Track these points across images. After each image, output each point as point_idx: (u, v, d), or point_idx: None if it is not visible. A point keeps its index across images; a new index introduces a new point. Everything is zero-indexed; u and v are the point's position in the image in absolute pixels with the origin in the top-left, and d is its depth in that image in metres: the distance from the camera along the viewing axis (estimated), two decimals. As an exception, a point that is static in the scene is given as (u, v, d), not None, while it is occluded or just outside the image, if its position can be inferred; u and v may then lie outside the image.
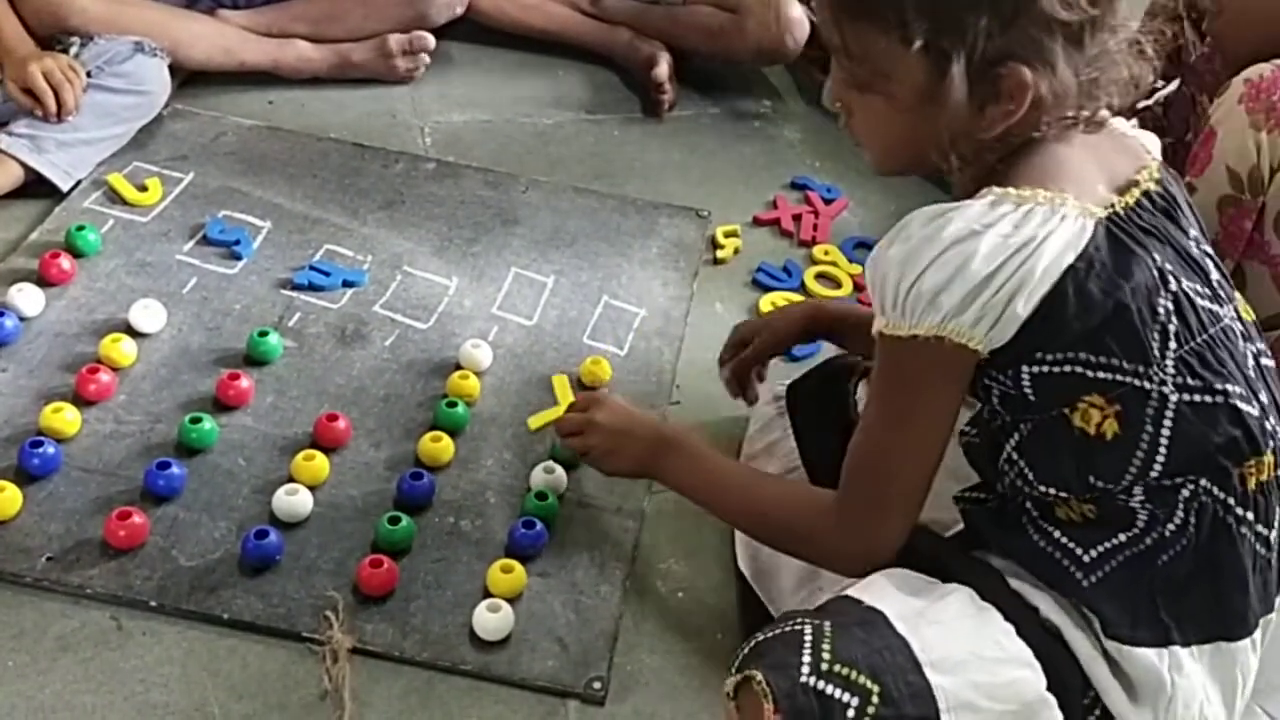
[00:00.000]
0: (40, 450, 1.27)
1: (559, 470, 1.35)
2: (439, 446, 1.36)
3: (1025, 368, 0.92)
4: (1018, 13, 0.87)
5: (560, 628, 1.22)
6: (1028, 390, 0.93)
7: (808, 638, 0.89)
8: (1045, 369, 0.91)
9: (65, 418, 1.31)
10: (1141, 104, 1.87)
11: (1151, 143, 1.02)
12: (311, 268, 1.60)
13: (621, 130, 2.03)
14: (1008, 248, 0.87)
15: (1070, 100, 0.91)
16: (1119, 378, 0.90)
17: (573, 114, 2.05)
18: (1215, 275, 0.97)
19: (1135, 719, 0.93)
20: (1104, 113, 0.94)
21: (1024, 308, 0.88)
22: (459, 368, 1.49)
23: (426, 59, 1.99)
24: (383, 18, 1.96)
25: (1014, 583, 0.97)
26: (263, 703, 1.12)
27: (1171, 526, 0.93)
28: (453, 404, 1.41)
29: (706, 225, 1.83)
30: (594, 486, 1.37)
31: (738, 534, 1.30)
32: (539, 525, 1.28)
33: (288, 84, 1.95)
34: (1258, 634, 0.96)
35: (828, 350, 1.49)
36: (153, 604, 1.18)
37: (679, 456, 1.20)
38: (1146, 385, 0.90)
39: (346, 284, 1.59)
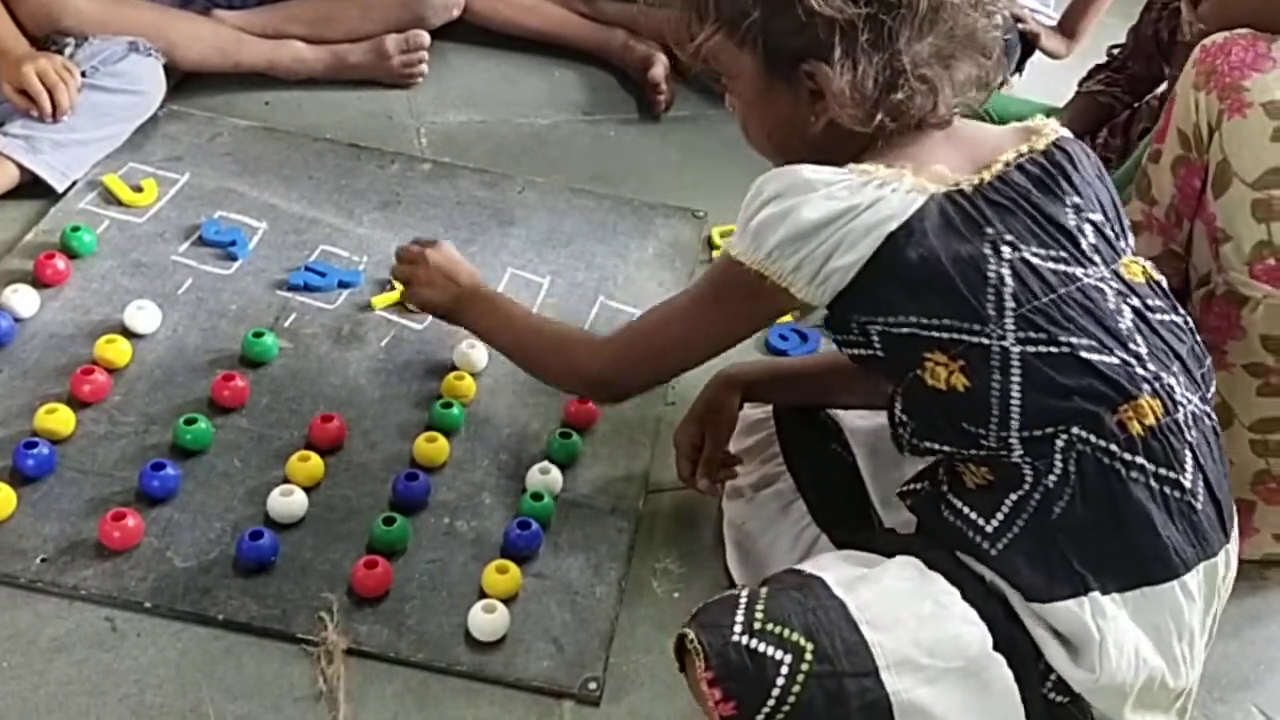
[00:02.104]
0: (35, 451, 1.26)
1: (555, 471, 1.35)
2: (434, 447, 1.36)
3: (871, 327, 1.00)
4: (789, 11, 0.97)
5: (556, 628, 1.22)
6: (878, 348, 1.01)
7: (742, 600, 0.93)
8: (886, 328, 0.99)
9: (60, 419, 1.31)
10: (1142, 100, 1.88)
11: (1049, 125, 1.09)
12: (307, 268, 1.60)
13: (618, 131, 2.03)
14: (835, 209, 0.96)
15: (881, 96, 0.98)
16: (955, 336, 0.97)
17: (569, 115, 2.05)
18: (1089, 240, 1.01)
19: (1079, 675, 0.95)
20: (943, 109, 1.01)
21: (842, 264, 0.96)
22: (454, 369, 1.49)
23: (425, 59, 1.99)
24: (379, 19, 1.96)
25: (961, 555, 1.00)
26: (258, 704, 1.12)
27: (1053, 477, 0.96)
28: (448, 405, 1.41)
29: (703, 225, 1.82)
30: (590, 487, 1.37)
31: (727, 538, 1.31)
32: (534, 526, 1.28)
33: (284, 85, 1.95)
34: (1191, 577, 0.96)
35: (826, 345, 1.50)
36: (147, 605, 1.18)
37: (485, 305, 1.31)
38: (985, 341, 0.96)
39: (342, 285, 1.59)
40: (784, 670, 0.88)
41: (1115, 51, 1.91)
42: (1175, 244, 1.30)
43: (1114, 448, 0.95)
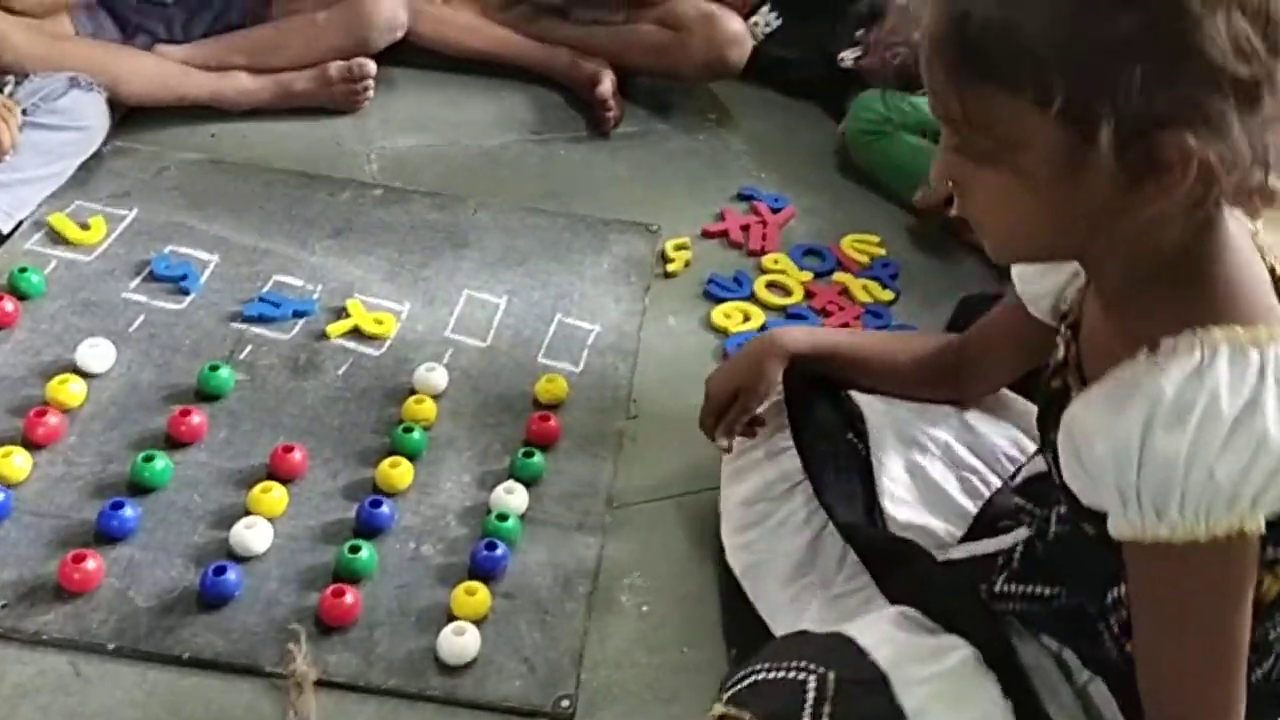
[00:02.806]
0: (-11, 497, 1.25)
1: (520, 489, 1.35)
2: (397, 472, 1.35)
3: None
4: (1180, 66, 0.71)
5: (526, 648, 1.22)
6: None
7: (810, 691, 0.87)
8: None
9: (14, 463, 1.29)
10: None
11: None
12: (261, 299, 1.59)
13: (568, 149, 2.04)
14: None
15: (1243, 172, 0.74)
16: None
17: (518, 135, 2.06)
18: None
19: None
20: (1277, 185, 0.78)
21: None
22: (414, 392, 1.48)
23: (371, 85, 1.99)
24: (322, 46, 1.96)
25: (1021, 646, 0.96)
26: (228, 740, 1.11)
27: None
28: (409, 429, 1.40)
29: (656, 239, 1.84)
30: (555, 504, 1.38)
31: (726, 525, 1.30)
32: (501, 546, 1.28)
33: (230, 116, 1.94)
34: None
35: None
36: (111, 647, 1.17)
37: None
38: None
39: (297, 314, 1.58)
40: None
41: None
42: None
43: None
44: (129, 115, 1.88)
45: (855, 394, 1.27)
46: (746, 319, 1.70)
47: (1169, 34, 0.70)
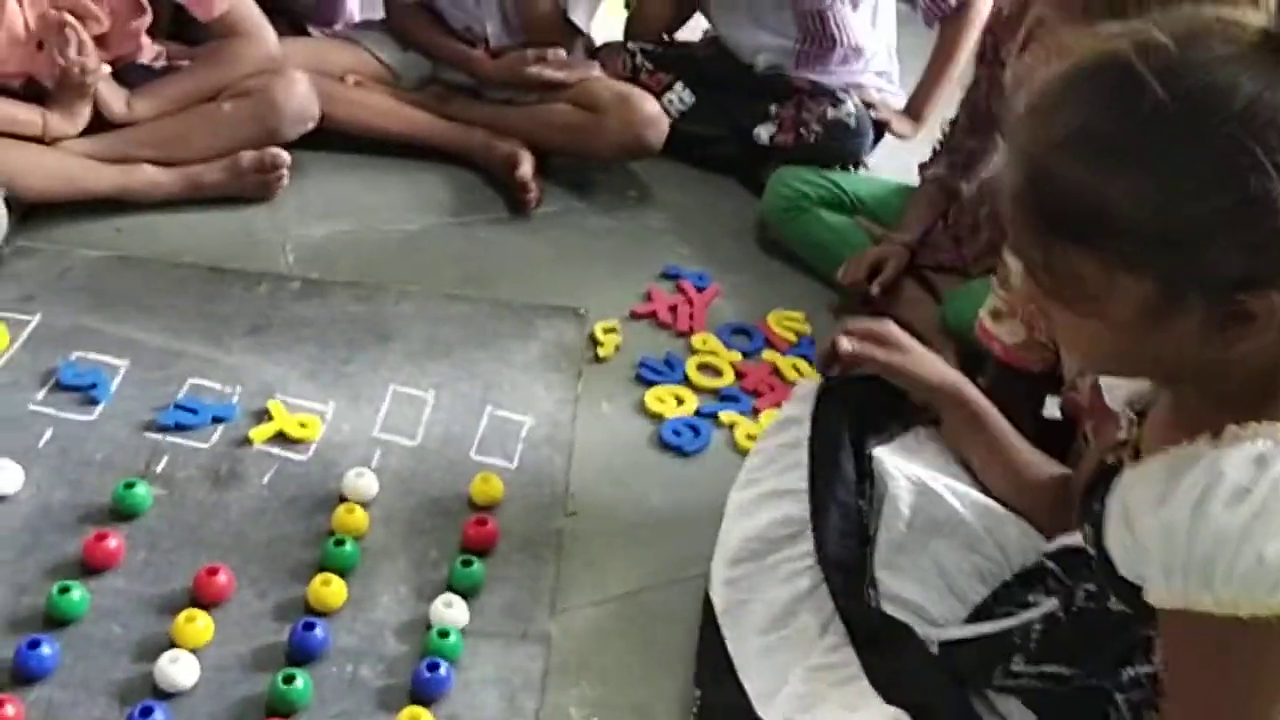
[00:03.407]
0: (-111, 644, 1.16)
1: (458, 602, 1.31)
2: (329, 590, 1.30)
3: None
4: (1268, 236, 0.74)
5: (476, 773, 1.18)
6: None
7: None
8: None
9: (-84, 603, 1.21)
10: (982, 175, 1.96)
11: None
12: (177, 406, 1.53)
13: (488, 231, 2.02)
14: None
15: None
16: None
17: (437, 218, 2.03)
18: None
19: None
20: None
21: None
22: (343, 499, 1.44)
23: (285, 174, 1.94)
24: (232, 137, 1.91)
25: None
26: None
27: None
28: (340, 541, 1.35)
29: (585, 323, 1.82)
30: (497, 615, 1.34)
31: (720, 555, 1.28)
32: (443, 665, 1.23)
33: (137, 209, 1.88)
34: None
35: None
36: (29, 802, 1.09)
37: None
38: None
39: (216, 419, 1.52)
40: None
41: (948, 129, 1.99)
42: (1040, 333, 1.34)
43: None
44: (29, 212, 1.80)
45: (882, 456, 1.25)
46: (680, 402, 1.69)
47: (1259, 211, 0.73)
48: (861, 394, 1.32)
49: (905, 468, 1.23)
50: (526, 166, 2.05)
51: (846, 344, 1.26)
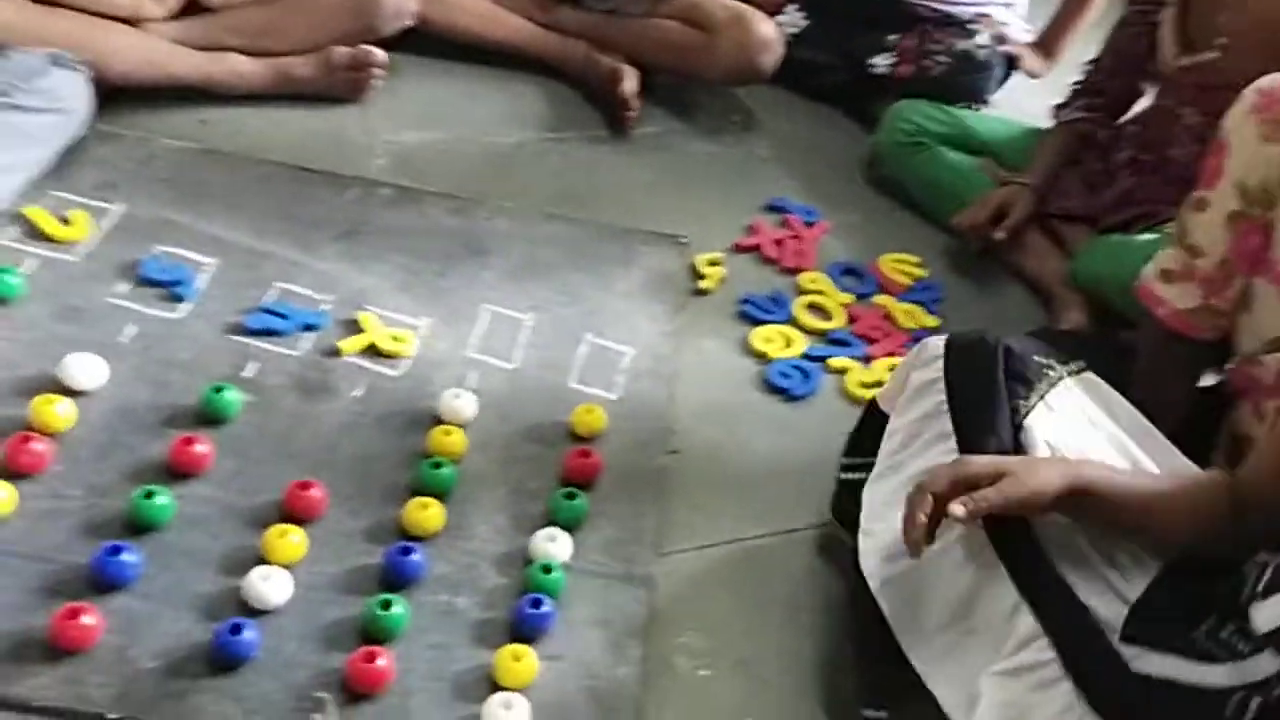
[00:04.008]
0: (-31, 538, 1.10)
1: (562, 536, 1.23)
2: (427, 515, 1.22)
3: None
4: None
5: (578, 718, 1.10)
6: None
7: None
8: None
9: (-4, 497, 1.14)
10: (1122, 120, 1.83)
11: None
12: (265, 310, 1.45)
13: (587, 150, 1.91)
14: None
15: None
16: None
17: (534, 133, 1.92)
18: None
19: None
20: None
21: None
22: (439, 421, 1.35)
23: (379, 74, 1.84)
24: (327, 29, 1.80)
25: None
26: (249, 828, 0.98)
27: None
28: (437, 464, 1.28)
29: (687, 252, 1.72)
30: (599, 552, 1.26)
31: (874, 555, 1.11)
32: (546, 602, 1.16)
33: (223, 100, 1.78)
34: None
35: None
36: (112, 716, 1.03)
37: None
38: None
39: (306, 327, 1.44)
40: None
41: (1089, 69, 1.86)
42: (1219, 299, 1.21)
43: None
44: (112, 96, 1.71)
45: (1031, 423, 1.10)
46: (788, 344, 1.59)
47: None
48: (995, 347, 1.19)
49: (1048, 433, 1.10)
50: (631, 82, 1.93)
51: (959, 509, 0.98)
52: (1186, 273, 1.21)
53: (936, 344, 1.17)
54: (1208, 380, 1.30)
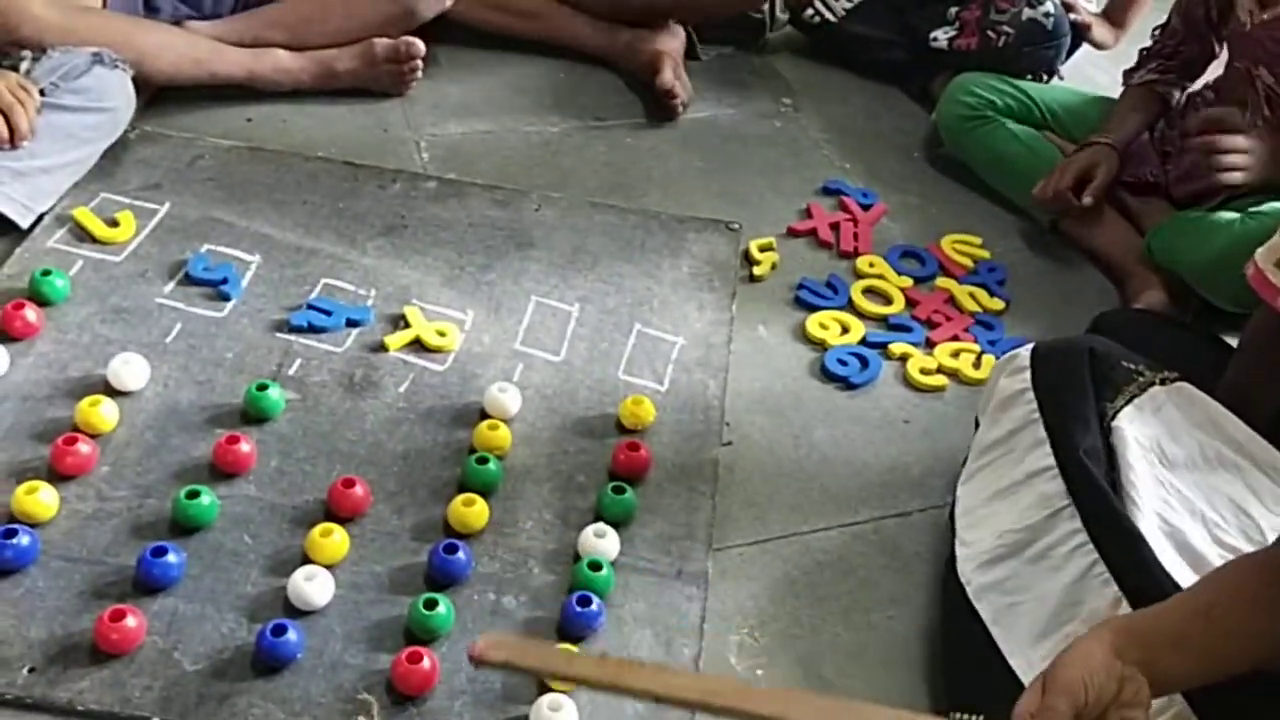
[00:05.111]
0: (13, 541, 1.09)
1: (611, 533, 1.19)
2: (472, 511, 1.19)
3: None
4: None
5: (629, 721, 1.06)
6: None
7: None
8: None
9: (40, 499, 1.13)
10: (1193, 89, 1.74)
11: None
12: (310, 306, 1.43)
13: (633, 137, 1.87)
14: None
15: None
16: None
17: (578, 121, 1.88)
18: None
19: None
20: None
21: None
22: (484, 415, 1.32)
23: (420, 66, 1.81)
24: (366, 17, 1.78)
25: None
26: (293, 835, 0.96)
27: None
28: (483, 459, 1.24)
29: (738, 238, 1.67)
30: (649, 549, 1.22)
31: (970, 560, 1.08)
32: (595, 601, 1.12)
33: (266, 98, 1.77)
34: None
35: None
36: (155, 719, 1.01)
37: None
38: None
39: (350, 323, 1.42)
40: None
41: (1159, 34, 1.78)
42: None
43: None
44: (156, 97, 1.71)
45: (1120, 424, 1.08)
46: (845, 330, 1.53)
47: None
48: (1081, 352, 1.15)
49: (1152, 493, 1.04)
50: (668, 72, 1.89)
51: None
52: None
53: (1024, 354, 1.19)
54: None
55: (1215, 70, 1.75)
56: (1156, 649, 0.82)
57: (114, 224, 1.49)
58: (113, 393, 1.27)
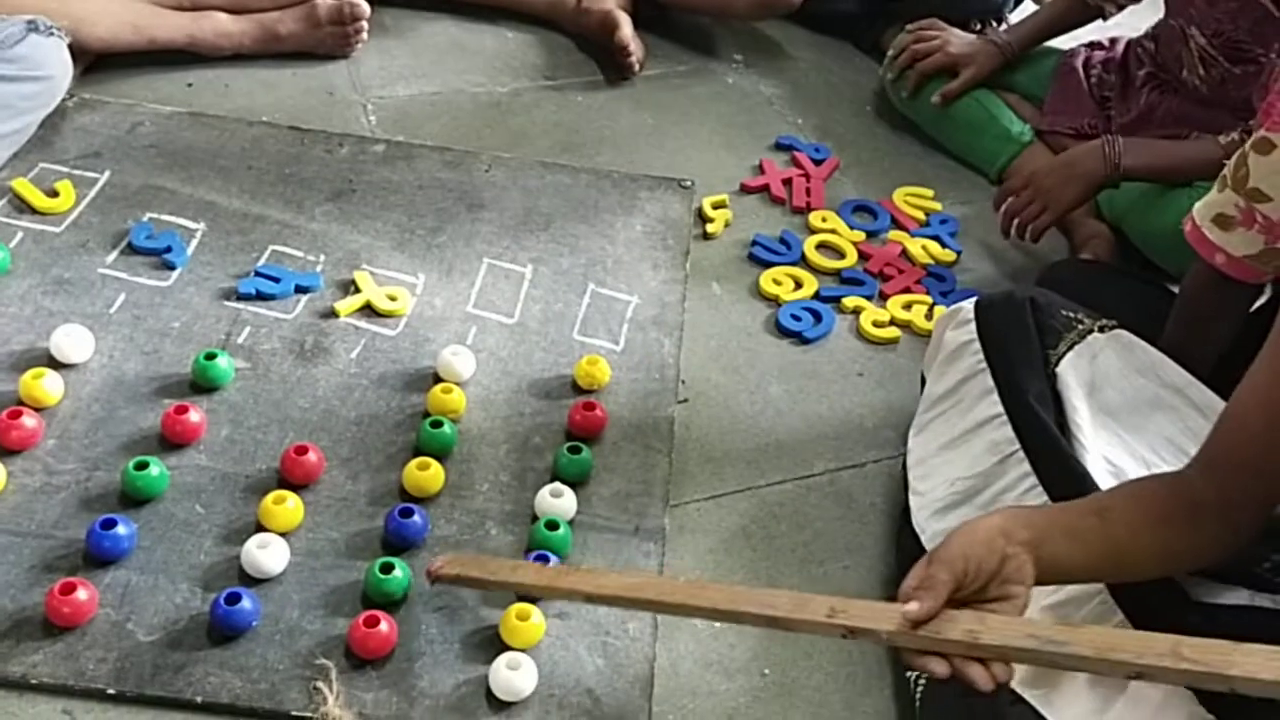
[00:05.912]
0: (-42, 517, 1.07)
1: (567, 492, 1.19)
2: (427, 475, 1.19)
3: None
4: None
5: (589, 677, 1.07)
6: None
7: None
8: None
9: (-14, 475, 1.12)
10: (1130, 37, 1.75)
11: None
12: (258, 273, 1.41)
13: (585, 96, 1.85)
14: None
15: None
16: None
17: (530, 81, 1.86)
18: None
19: None
20: None
21: None
22: (438, 379, 1.32)
23: (365, 27, 1.78)
24: (308, -22, 1.75)
25: None
26: (254, 801, 0.96)
27: None
28: (437, 423, 1.24)
29: (691, 196, 1.66)
30: (607, 506, 1.22)
31: (924, 509, 1.11)
32: (553, 560, 1.12)
33: (207, 63, 1.73)
34: None
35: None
36: (110, 691, 1.01)
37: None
38: None
39: (300, 289, 1.40)
40: None
41: None
42: None
43: None
44: (94, 64, 1.67)
45: (1063, 369, 1.10)
46: (798, 285, 1.54)
47: None
48: (1022, 301, 1.17)
49: (1096, 436, 1.05)
50: (626, 29, 1.86)
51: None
52: (1248, 218, 1.11)
53: (968, 306, 1.20)
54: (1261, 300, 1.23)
55: (1157, 13, 1.74)
56: (1045, 534, 0.84)
57: (54, 194, 1.46)
58: (57, 365, 1.25)
